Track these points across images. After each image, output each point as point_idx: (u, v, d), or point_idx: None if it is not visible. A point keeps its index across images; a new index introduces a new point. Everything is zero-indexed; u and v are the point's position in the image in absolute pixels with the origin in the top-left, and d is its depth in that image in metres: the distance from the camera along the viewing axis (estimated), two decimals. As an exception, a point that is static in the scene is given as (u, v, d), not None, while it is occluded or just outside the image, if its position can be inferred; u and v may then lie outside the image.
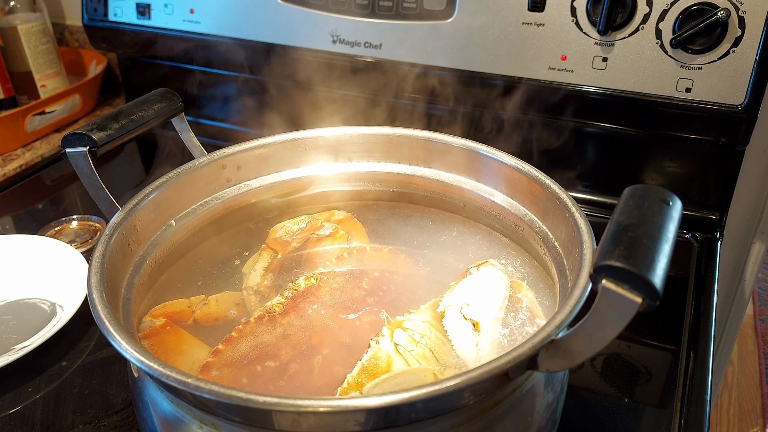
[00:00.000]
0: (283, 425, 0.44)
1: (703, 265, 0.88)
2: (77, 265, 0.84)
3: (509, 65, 0.93)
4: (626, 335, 0.76)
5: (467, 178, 0.75)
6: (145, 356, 0.45)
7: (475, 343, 0.58)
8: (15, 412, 0.68)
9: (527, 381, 0.51)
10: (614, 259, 0.40)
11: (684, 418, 0.65)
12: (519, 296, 0.64)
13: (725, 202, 0.94)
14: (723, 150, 0.91)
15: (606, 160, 0.99)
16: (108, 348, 0.75)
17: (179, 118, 0.74)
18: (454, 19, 0.94)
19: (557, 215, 0.62)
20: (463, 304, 0.61)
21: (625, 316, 0.40)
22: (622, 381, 0.70)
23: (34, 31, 1.25)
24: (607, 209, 1.00)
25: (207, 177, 0.73)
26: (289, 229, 0.75)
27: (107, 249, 0.58)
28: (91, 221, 1.00)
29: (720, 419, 1.92)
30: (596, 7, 0.86)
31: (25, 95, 1.29)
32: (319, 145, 0.78)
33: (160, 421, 0.53)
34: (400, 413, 0.44)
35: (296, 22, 1.04)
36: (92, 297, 0.51)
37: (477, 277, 0.65)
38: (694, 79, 0.84)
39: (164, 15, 1.15)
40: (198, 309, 0.66)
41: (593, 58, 0.88)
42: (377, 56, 1.01)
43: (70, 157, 0.61)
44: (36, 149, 1.23)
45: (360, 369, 0.54)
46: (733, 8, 0.80)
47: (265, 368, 0.57)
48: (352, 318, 0.63)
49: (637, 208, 0.44)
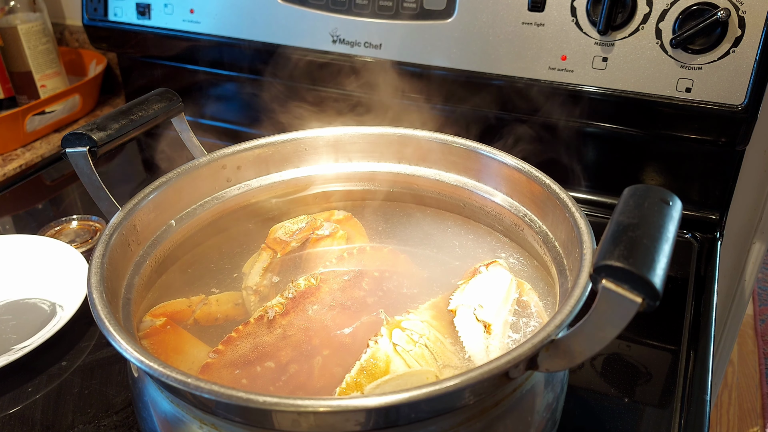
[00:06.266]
0: (283, 425, 0.44)
1: (703, 265, 0.88)
2: (77, 265, 0.84)
3: (509, 65, 0.93)
4: (626, 335, 0.76)
5: (467, 178, 0.75)
6: (145, 356, 0.45)
7: (485, 346, 0.57)
8: (15, 412, 0.68)
9: (527, 381, 0.51)
10: (614, 259, 0.40)
11: (684, 418, 0.65)
12: (525, 299, 0.63)
13: (725, 202, 0.94)
14: (723, 150, 0.91)
15: (606, 160, 0.99)
16: (108, 348, 0.75)
17: (179, 118, 0.74)
18: (454, 19, 0.94)
19: (557, 215, 0.62)
20: (477, 305, 0.60)
21: (625, 316, 0.40)
22: (622, 381, 0.70)
23: (34, 31, 1.25)
24: (607, 209, 1.00)
25: (207, 177, 0.73)
26: (289, 229, 0.75)
27: (107, 249, 0.58)
28: (91, 221, 1.00)
29: (720, 419, 1.92)
30: (596, 7, 0.86)
31: (25, 95, 1.29)
32: (319, 145, 0.78)
33: (160, 421, 0.53)
34: (400, 413, 0.44)
35: (296, 22, 1.04)
36: (92, 297, 0.51)
37: (487, 276, 0.64)
38: (694, 79, 0.84)
39: (164, 15, 1.15)
40: (198, 309, 0.66)
41: (593, 58, 0.88)
42: (377, 56, 1.01)
43: (70, 157, 0.61)
44: (36, 149, 1.23)
45: (359, 369, 0.54)
46: (733, 8, 0.80)
47: (264, 368, 0.57)
48: (351, 318, 0.62)
49: (637, 208, 0.44)
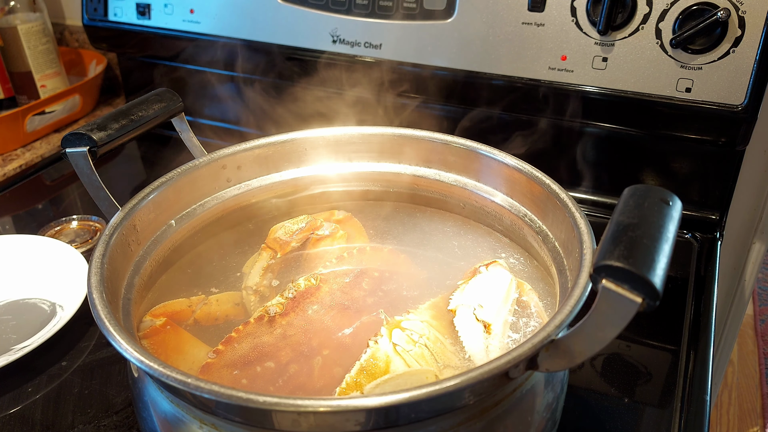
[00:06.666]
0: (283, 425, 0.44)
1: (703, 265, 0.88)
2: (77, 265, 0.84)
3: (509, 65, 0.93)
4: (626, 335, 0.76)
5: (467, 178, 0.75)
6: (145, 356, 0.45)
7: (485, 346, 0.57)
8: (15, 412, 0.68)
9: (527, 381, 0.51)
10: (614, 259, 0.40)
11: (684, 418, 0.65)
12: (525, 299, 0.63)
13: (725, 202, 0.94)
14: (723, 150, 0.91)
15: (606, 160, 0.99)
16: (108, 348, 0.75)
17: (179, 118, 0.74)
18: (454, 19, 0.94)
19: (557, 215, 0.62)
20: (476, 305, 0.60)
21: (625, 316, 0.40)
22: (622, 381, 0.70)
23: (34, 31, 1.25)
24: (607, 209, 1.00)
25: (207, 177, 0.73)
26: (289, 228, 0.75)
27: (107, 249, 0.58)
28: (91, 221, 1.00)
29: (720, 419, 1.92)
30: (596, 7, 0.86)
31: (25, 95, 1.29)
32: (319, 145, 0.78)
33: (160, 421, 0.53)
34: (400, 413, 0.44)
35: (296, 22, 1.04)
36: (92, 297, 0.51)
37: (487, 276, 0.64)
38: (694, 79, 0.84)
39: (164, 15, 1.15)
40: (198, 309, 0.66)
41: (593, 58, 0.88)
42: (377, 56, 1.01)
43: (70, 157, 0.61)
44: (36, 149, 1.23)
45: (358, 369, 0.54)
46: (733, 8, 0.80)
47: (264, 368, 0.57)
48: (351, 318, 0.62)
49: (637, 208, 0.44)
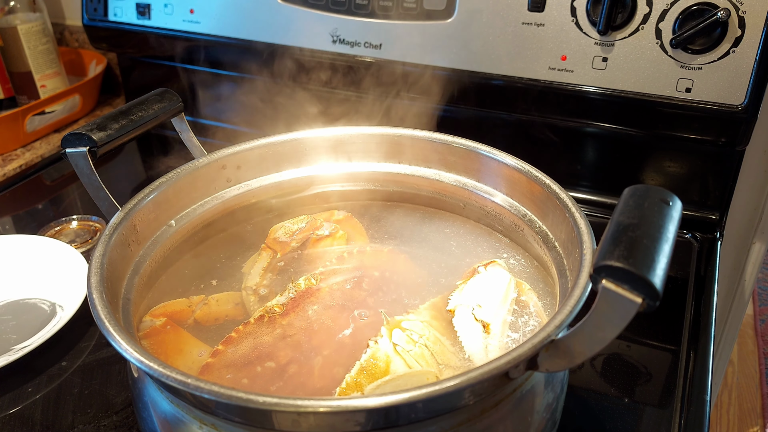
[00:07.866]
0: (283, 425, 0.44)
1: (703, 265, 0.88)
2: (77, 265, 0.84)
3: (509, 65, 0.93)
4: (626, 335, 0.76)
5: (467, 178, 0.75)
6: (145, 356, 0.45)
7: (484, 346, 0.57)
8: (15, 412, 0.68)
9: (527, 381, 0.51)
10: (614, 259, 0.40)
11: (684, 418, 0.65)
12: (524, 299, 0.63)
13: (725, 202, 0.94)
14: (723, 150, 0.91)
15: (606, 160, 0.99)
16: (108, 348, 0.75)
17: (179, 118, 0.74)
18: (454, 19, 0.94)
19: (557, 215, 0.62)
20: (475, 305, 0.60)
21: (625, 316, 0.40)
22: (622, 381, 0.70)
23: (34, 31, 1.25)
24: (607, 209, 1.00)
25: (207, 177, 0.73)
26: (289, 229, 0.75)
27: (107, 249, 0.58)
28: (91, 221, 1.00)
29: (720, 419, 1.92)
30: (596, 7, 0.86)
31: (25, 95, 1.29)
32: (319, 145, 0.78)
33: (160, 421, 0.53)
34: (400, 413, 0.44)
35: (296, 22, 1.04)
36: (92, 297, 0.51)
37: (485, 276, 0.64)
38: (694, 79, 0.84)
39: (164, 15, 1.15)
40: (198, 309, 0.66)
41: (593, 58, 0.88)
42: (377, 56, 1.01)
43: (70, 157, 0.61)
44: (36, 149, 1.23)
45: (359, 369, 0.54)
46: (733, 8, 0.80)
47: (265, 369, 0.57)
48: (351, 318, 0.62)
49: (637, 208, 0.44)
